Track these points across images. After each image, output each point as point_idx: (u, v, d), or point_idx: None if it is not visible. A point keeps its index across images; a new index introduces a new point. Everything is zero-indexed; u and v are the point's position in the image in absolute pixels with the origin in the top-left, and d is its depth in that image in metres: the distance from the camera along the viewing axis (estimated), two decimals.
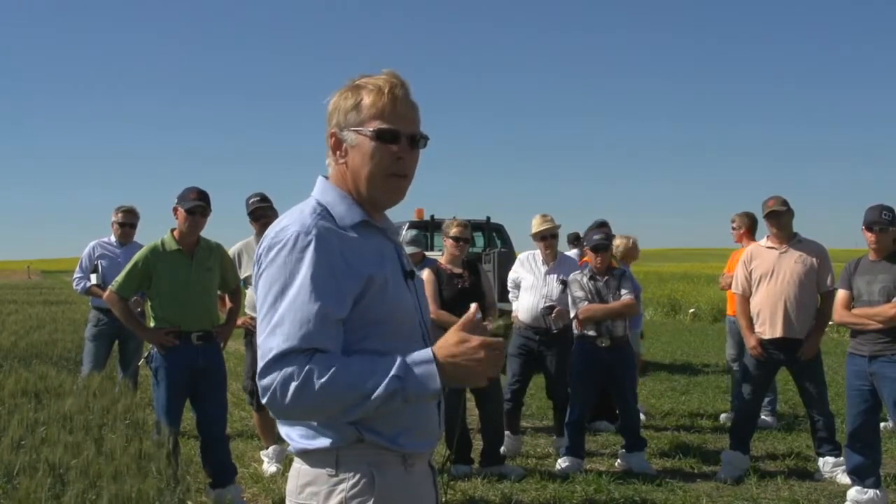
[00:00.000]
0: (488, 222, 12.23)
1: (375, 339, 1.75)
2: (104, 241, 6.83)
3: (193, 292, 4.79)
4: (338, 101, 1.84)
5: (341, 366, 1.64)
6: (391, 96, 1.80)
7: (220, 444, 4.92)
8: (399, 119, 1.81)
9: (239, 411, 7.67)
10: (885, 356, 4.88)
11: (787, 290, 5.52)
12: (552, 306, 6.12)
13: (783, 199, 5.64)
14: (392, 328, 1.78)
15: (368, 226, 1.83)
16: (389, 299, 1.78)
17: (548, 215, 6.38)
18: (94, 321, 6.77)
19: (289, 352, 1.64)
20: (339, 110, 1.83)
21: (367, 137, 1.79)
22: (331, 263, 1.70)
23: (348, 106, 1.82)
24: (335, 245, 1.73)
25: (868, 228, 4.99)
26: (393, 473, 1.78)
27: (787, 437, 6.77)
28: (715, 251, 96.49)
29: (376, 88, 1.81)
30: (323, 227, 1.74)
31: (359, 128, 1.80)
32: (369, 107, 1.80)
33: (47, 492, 3.84)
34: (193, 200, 4.80)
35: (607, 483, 5.42)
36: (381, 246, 1.84)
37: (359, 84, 1.83)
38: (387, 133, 1.79)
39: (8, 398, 6.06)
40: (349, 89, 1.84)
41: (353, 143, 1.81)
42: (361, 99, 1.81)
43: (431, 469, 1.93)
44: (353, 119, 1.81)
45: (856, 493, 4.99)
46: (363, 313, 1.74)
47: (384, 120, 1.79)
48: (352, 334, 1.73)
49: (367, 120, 1.79)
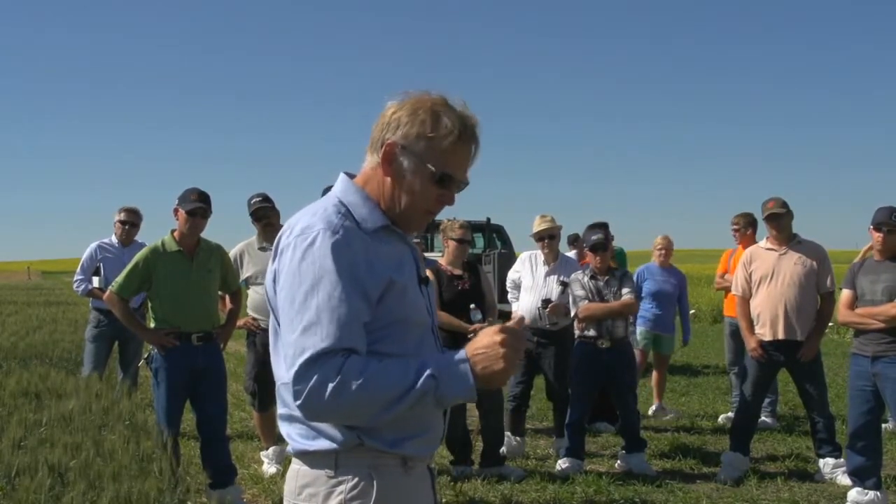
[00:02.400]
0: (488, 223, 12.23)
1: (390, 342, 1.74)
2: (105, 243, 6.83)
3: (194, 293, 4.79)
4: (410, 116, 1.78)
5: (377, 367, 1.64)
6: (470, 148, 1.82)
7: (220, 445, 4.92)
8: (459, 166, 1.81)
9: (239, 412, 7.67)
10: (888, 356, 4.88)
11: (786, 291, 5.52)
12: (548, 300, 6.13)
13: (782, 200, 5.64)
14: (407, 332, 1.78)
15: (389, 231, 1.82)
16: (407, 303, 1.78)
17: (548, 215, 6.38)
18: (94, 322, 6.77)
19: (327, 351, 1.62)
20: (408, 126, 1.78)
21: (429, 172, 1.78)
22: (357, 263, 1.70)
23: (420, 131, 1.77)
24: (359, 246, 1.72)
25: (876, 228, 4.99)
26: (392, 476, 1.78)
27: (787, 439, 6.77)
28: (715, 252, 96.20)
29: (459, 131, 1.78)
30: (349, 227, 1.74)
31: (423, 159, 1.77)
32: (444, 148, 1.77)
33: (47, 492, 3.84)
34: (194, 202, 4.80)
35: (607, 484, 5.41)
36: (400, 251, 1.83)
37: (438, 112, 1.78)
38: (447, 179, 1.80)
39: (8, 399, 6.06)
40: (427, 112, 1.78)
41: (408, 167, 1.78)
42: (439, 132, 1.77)
43: (430, 472, 1.92)
44: (422, 147, 1.77)
45: (856, 495, 4.99)
46: (381, 316, 1.73)
47: (454, 167, 1.80)
48: (368, 335, 1.72)
49: (439, 156, 1.78)
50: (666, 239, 7.83)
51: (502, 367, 1.64)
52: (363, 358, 1.65)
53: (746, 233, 7.16)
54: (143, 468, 4.26)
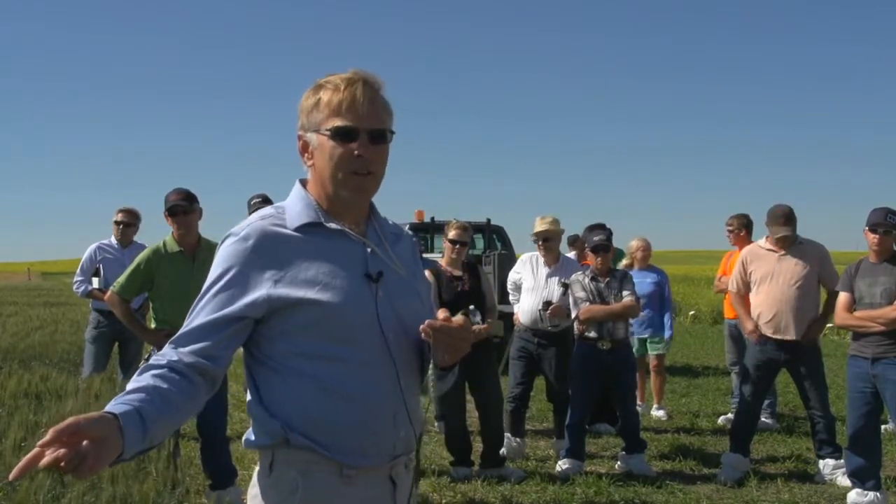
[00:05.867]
0: (489, 224, 12.21)
1: (307, 343, 1.70)
2: (105, 244, 6.83)
3: (195, 294, 4.75)
4: (302, 102, 1.80)
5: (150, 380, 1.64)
6: (348, 93, 1.74)
7: (220, 446, 4.91)
8: (358, 115, 1.74)
9: (239, 413, 7.66)
10: (887, 358, 4.87)
11: (787, 292, 5.52)
12: (549, 302, 6.13)
13: (787, 214, 5.54)
14: (325, 332, 1.70)
15: (320, 227, 1.77)
16: (332, 300, 1.70)
17: (548, 216, 6.36)
18: (94, 323, 6.77)
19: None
20: (303, 112, 1.79)
21: (325, 137, 1.74)
22: (249, 266, 1.74)
23: (309, 106, 1.77)
24: (269, 244, 1.74)
25: (872, 230, 4.98)
26: (324, 483, 1.71)
27: (787, 440, 6.77)
28: (715, 253, 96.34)
29: (334, 86, 1.75)
30: (261, 227, 1.75)
31: (318, 128, 1.75)
32: (326, 105, 1.74)
33: (47, 493, 3.84)
34: (173, 202, 4.81)
35: (607, 485, 5.41)
36: (335, 247, 1.76)
37: (320, 83, 1.78)
38: (342, 131, 1.73)
39: (8, 399, 6.07)
40: (312, 89, 1.79)
41: (315, 145, 1.77)
42: (320, 98, 1.76)
43: (393, 483, 1.81)
44: (315, 119, 1.76)
45: (856, 496, 4.99)
46: (292, 315, 1.70)
47: (342, 117, 1.73)
48: (282, 334, 1.72)
49: (326, 119, 1.74)
50: (643, 241, 7.76)
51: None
52: (169, 367, 1.66)
53: (741, 234, 7.16)
54: (142, 469, 4.26)
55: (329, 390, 1.70)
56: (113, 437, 1.44)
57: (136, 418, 1.49)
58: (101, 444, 1.41)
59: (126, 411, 1.48)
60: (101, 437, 1.41)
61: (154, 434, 1.53)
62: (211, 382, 1.71)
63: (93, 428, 1.40)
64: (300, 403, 1.70)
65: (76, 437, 1.38)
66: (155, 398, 1.56)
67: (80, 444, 1.38)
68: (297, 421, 1.70)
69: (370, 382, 1.73)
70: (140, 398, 1.53)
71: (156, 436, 1.54)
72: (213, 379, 1.71)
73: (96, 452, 1.39)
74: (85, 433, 1.39)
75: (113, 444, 1.44)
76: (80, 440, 1.38)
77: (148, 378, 1.60)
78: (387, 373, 1.75)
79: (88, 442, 1.39)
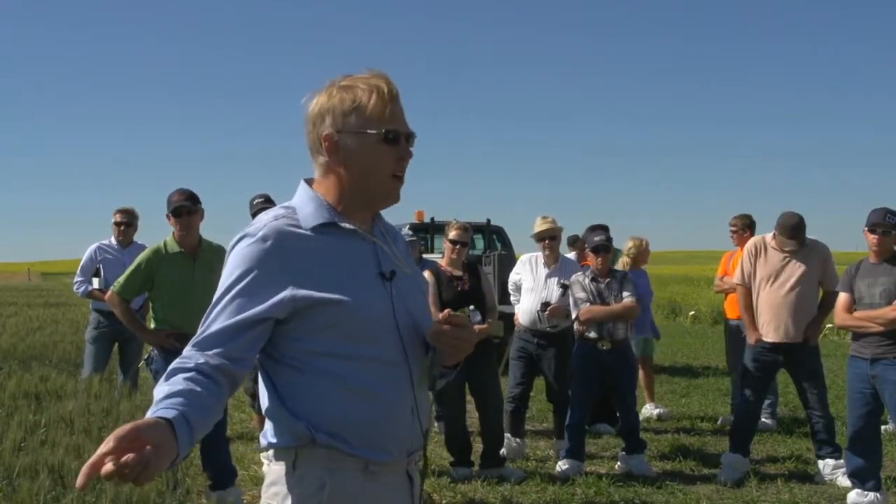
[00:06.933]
0: (489, 224, 12.22)
1: (329, 342, 1.72)
2: (105, 244, 6.84)
3: (195, 294, 4.78)
4: (328, 102, 1.79)
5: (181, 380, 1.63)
6: (390, 97, 1.79)
7: (220, 447, 4.91)
8: (397, 120, 1.80)
9: (239, 413, 7.66)
10: (887, 359, 4.88)
11: (789, 294, 5.53)
12: (547, 303, 6.13)
13: (795, 226, 5.52)
14: (347, 331, 1.72)
15: (335, 227, 1.78)
16: (351, 299, 1.72)
17: (549, 216, 6.38)
18: (94, 323, 6.78)
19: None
20: (332, 112, 1.78)
21: (373, 140, 1.77)
22: (271, 266, 1.71)
23: (346, 108, 1.77)
24: (289, 245, 1.72)
25: (871, 230, 4.98)
26: (350, 480, 1.73)
27: (787, 440, 6.77)
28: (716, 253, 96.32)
29: (375, 90, 1.78)
30: (279, 228, 1.74)
31: (361, 130, 1.77)
32: (372, 109, 1.76)
33: (47, 494, 3.84)
34: (176, 202, 4.81)
35: (607, 485, 5.41)
36: (351, 246, 1.79)
37: (349, 85, 1.79)
38: (394, 134, 1.78)
39: (8, 400, 6.07)
40: (340, 90, 1.79)
41: (353, 144, 1.77)
42: (360, 100, 1.77)
43: (410, 479, 1.85)
44: (354, 120, 1.77)
45: (856, 496, 4.99)
46: (313, 315, 1.71)
47: (387, 122, 1.77)
48: (304, 334, 1.72)
49: (371, 122, 1.77)
50: (639, 240, 7.74)
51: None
52: (195, 367, 1.64)
53: (744, 234, 7.16)
54: None
55: (352, 388, 1.72)
56: (168, 441, 1.46)
57: (184, 422, 1.51)
58: (159, 448, 1.43)
59: (175, 415, 1.50)
60: (158, 442, 1.43)
61: (196, 436, 1.55)
62: (234, 384, 1.72)
63: (151, 433, 1.43)
64: (324, 402, 1.72)
65: (137, 442, 1.40)
66: (193, 401, 1.57)
67: (143, 450, 1.40)
68: (322, 420, 1.72)
69: (390, 379, 1.77)
70: (181, 402, 1.55)
71: (196, 438, 1.56)
72: (235, 381, 1.71)
73: (157, 458, 1.42)
74: (145, 438, 1.41)
75: (169, 448, 1.46)
76: (141, 445, 1.40)
77: (181, 381, 1.60)
78: (403, 369, 1.79)
79: (150, 447, 1.41)
